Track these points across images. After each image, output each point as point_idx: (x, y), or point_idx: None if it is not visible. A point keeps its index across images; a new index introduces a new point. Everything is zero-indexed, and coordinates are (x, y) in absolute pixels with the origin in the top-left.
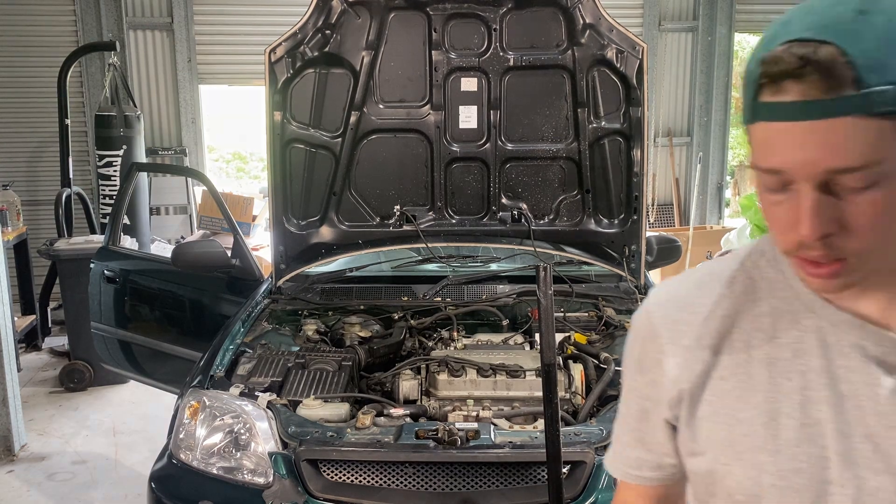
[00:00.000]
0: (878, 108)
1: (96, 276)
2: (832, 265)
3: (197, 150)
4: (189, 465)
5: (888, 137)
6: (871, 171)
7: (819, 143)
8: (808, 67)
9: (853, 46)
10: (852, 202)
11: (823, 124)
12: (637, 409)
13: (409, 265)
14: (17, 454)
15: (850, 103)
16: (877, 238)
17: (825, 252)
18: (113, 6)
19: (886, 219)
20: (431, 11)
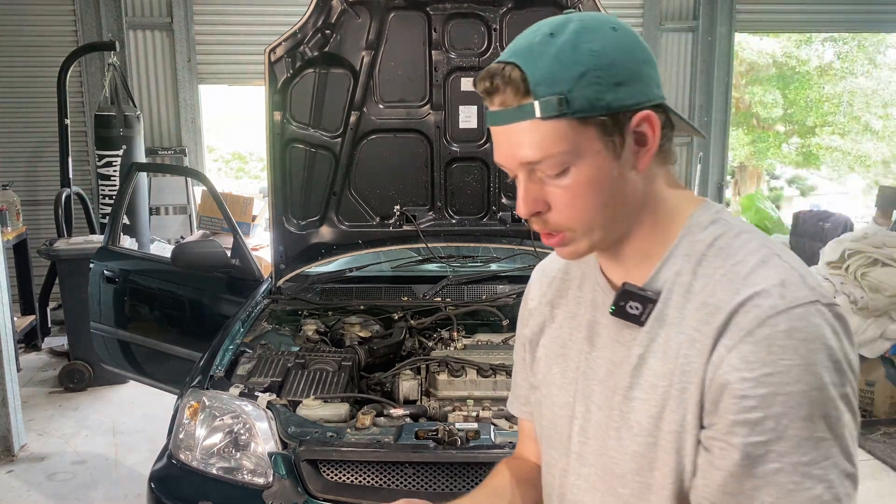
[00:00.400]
0: (545, 114)
1: (96, 276)
2: (556, 237)
3: (196, 150)
4: (189, 465)
5: (563, 135)
6: (554, 162)
7: (509, 143)
8: (496, 84)
9: (531, 65)
10: (550, 186)
11: (511, 128)
12: (517, 355)
13: (408, 265)
14: (17, 454)
15: (523, 111)
16: (577, 214)
17: (543, 227)
18: (112, 6)
19: (580, 198)
20: (431, 11)
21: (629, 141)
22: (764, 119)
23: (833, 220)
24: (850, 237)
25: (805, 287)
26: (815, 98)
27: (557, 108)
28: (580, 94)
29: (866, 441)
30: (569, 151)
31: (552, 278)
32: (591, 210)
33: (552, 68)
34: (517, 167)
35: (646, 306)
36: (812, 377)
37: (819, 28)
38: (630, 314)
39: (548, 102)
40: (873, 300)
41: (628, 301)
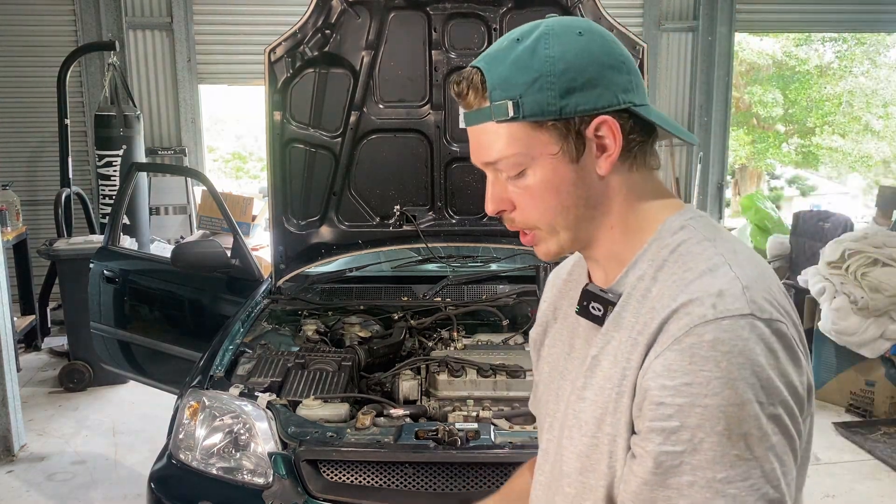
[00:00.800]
0: (497, 118)
1: (96, 276)
2: (528, 235)
3: (196, 150)
4: (189, 465)
5: (517, 138)
6: (509, 163)
7: (475, 143)
8: (462, 86)
9: (492, 70)
10: (512, 186)
11: (476, 129)
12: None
13: (408, 265)
14: (17, 454)
15: (482, 114)
16: (538, 213)
17: (511, 226)
18: (112, 6)
19: (539, 199)
20: (431, 11)
21: (591, 146)
22: (764, 119)
23: (833, 221)
24: (850, 237)
25: (743, 299)
26: (816, 98)
27: (508, 112)
28: (531, 98)
29: (866, 441)
30: (523, 153)
31: (563, 281)
32: (552, 211)
33: (508, 73)
34: (482, 166)
35: (606, 308)
36: (731, 392)
37: (819, 28)
38: (593, 315)
39: (500, 106)
40: (873, 300)
41: (591, 302)
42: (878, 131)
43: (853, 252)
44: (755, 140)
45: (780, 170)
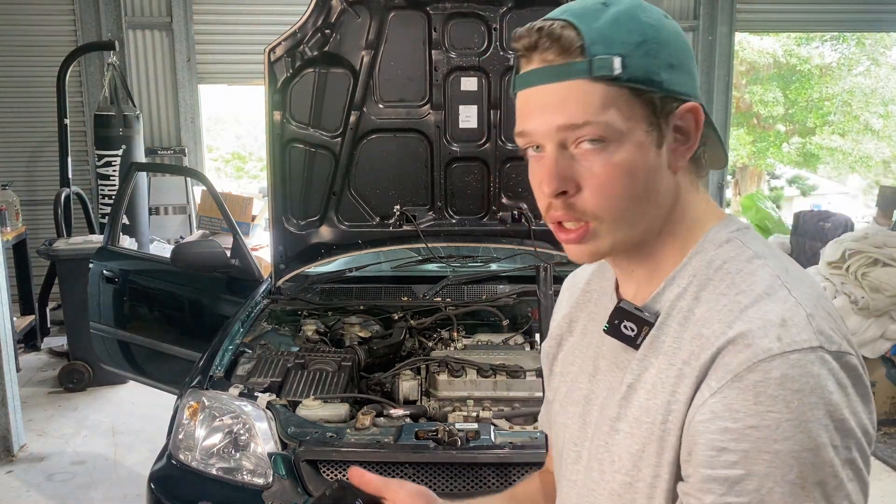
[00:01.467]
0: (599, 73)
1: (95, 277)
2: (577, 230)
3: (196, 150)
4: (188, 465)
5: (612, 103)
6: (597, 129)
7: (551, 103)
8: (543, 38)
9: (585, 24)
10: (586, 161)
11: (552, 88)
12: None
13: (409, 265)
14: (16, 454)
15: (577, 68)
16: (610, 200)
17: (565, 213)
18: (112, 6)
19: (617, 181)
20: (431, 11)
21: (669, 134)
22: (765, 119)
23: (834, 220)
24: (850, 237)
25: (809, 329)
26: (817, 98)
27: (613, 69)
28: (637, 62)
29: None
30: (615, 123)
31: (580, 291)
32: (624, 199)
33: (610, 29)
34: (551, 134)
35: (641, 328)
36: (805, 436)
37: (820, 28)
38: (625, 335)
39: (604, 61)
40: (874, 300)
41: (623, 320)
42: (878, 131)
43: (854, 252)
44: (755, 140)
45: (781, 170)
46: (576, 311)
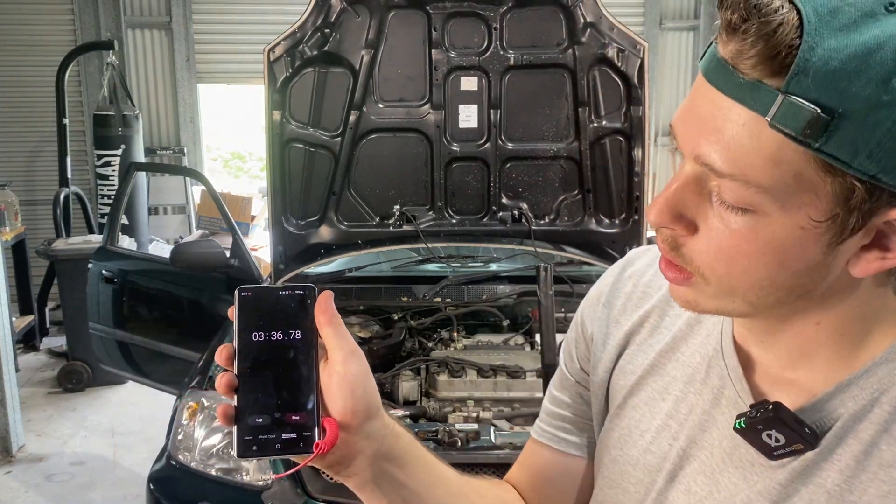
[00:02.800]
0: (778, 122)
1: (94, 277)
2: (680, 271)
3: (195, 150)
4: (188, 466)
5: (783, 165)
6: (742, 189)
7: (704, 120)
8: (751, 21)
9: (821, 38)
10: (715, 212)
11: (721, 100)
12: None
13: (408, 265)
14: (15, 455)
15: (757, 95)
16: (726, 269)
17: (666, 247)
18: (111, 5)
19: (746, 255)
20: (431, 10)
21: (859, 237)
22: None
23: None
24: None
25: None
26: None
27: (804, 127)
28: (853, 127)
29: None
30: (773, 191)
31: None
32: (748, 275)
33: (843, 64)
34: (688, 151)
35: (791, 443)
36: None
37: None
38: (762, 441)
39: (798, 108)
40: None
41: (771, 427)
42: None
43: None
44: None
45: None
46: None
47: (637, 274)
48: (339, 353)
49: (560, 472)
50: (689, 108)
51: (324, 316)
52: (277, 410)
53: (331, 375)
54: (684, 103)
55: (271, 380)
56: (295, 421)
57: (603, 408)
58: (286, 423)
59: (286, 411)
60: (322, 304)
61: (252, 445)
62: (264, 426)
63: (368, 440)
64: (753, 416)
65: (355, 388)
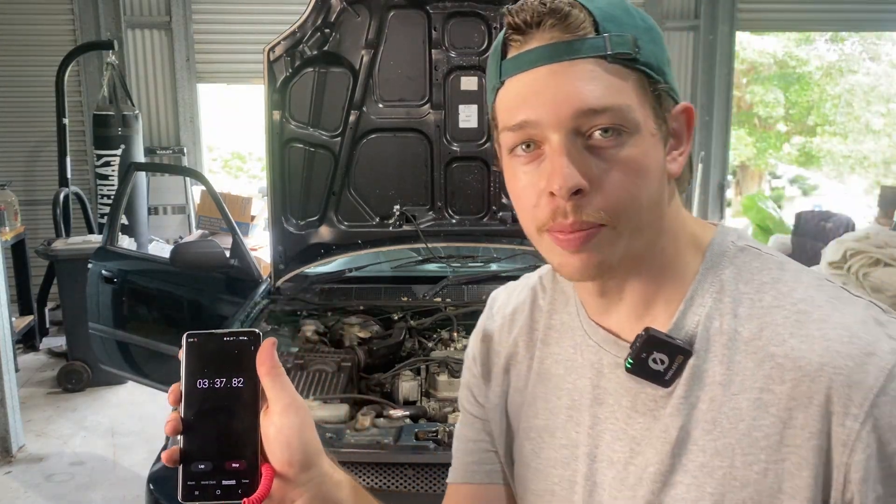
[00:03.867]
0: (615, 50)
1: (94, 277)
2: (583, 232)
3: (195, 150)
4: None
5: (629, 88)
6: (617, 116)
7: (564, 84)
8: (548, 14)
9: (590, 3)
10: (603, 155)
11: (567, 66)
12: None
13: (408, 265)
14: (15, 455)
15: (591, 45)
16: (626, 201)
17: (577, 218)
18: (111, 5)
19: (634, 179)
20: (431, 10)
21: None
22: (765, 119)
23: (835, 220)
24: (851, 237)
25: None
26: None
27: (631, 48)
28: (648, 47)
29: None
30: (633, 110)
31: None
32: (638, 200)
33: (616, 10)
34: (563, 122)
35: (673, 360)
36: None
37: (820, 27)
38: (653, 370)
39: (621, 38)
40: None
41: (652, 352)
42: (879, 130)
43: (855, 252)
44: (756, 140)
45: (782, 169)
46: (518, 352)
47: (502, 308)
48: (277, 404)
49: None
50: (532, 98)
51: (264, 366)
52: (218, 457)
53: (269, 426)
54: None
55: (213, 427)
56: (234, 468)
57: (505, 429)
58: (226, 471)
59: (227, 458)
60: (263, 354)
61: (194, 490)
62: (206, 472)
63: (305, 486)
64: (634, 347)
65: (291, 440)
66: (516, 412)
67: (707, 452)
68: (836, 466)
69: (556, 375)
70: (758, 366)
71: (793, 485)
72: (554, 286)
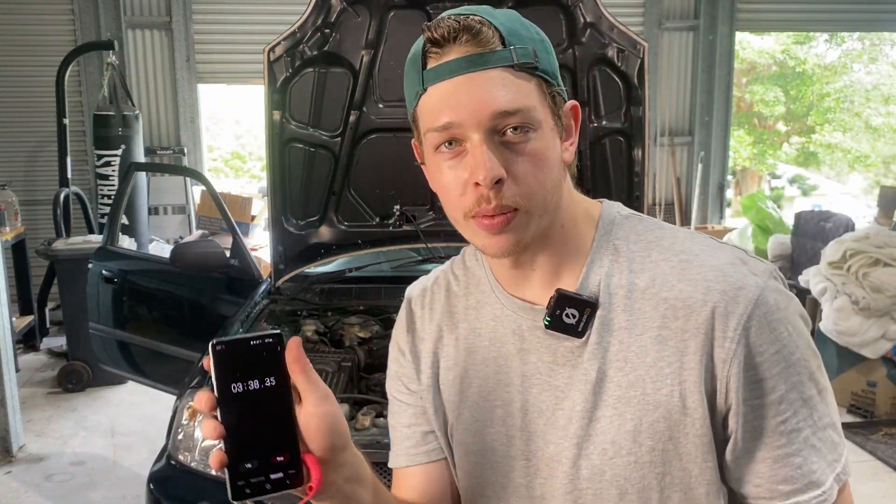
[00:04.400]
0: (520, 60)
1: (94, 277)
2: (501, 216)
3: (195, 150)
4: (188, 466)
5: (532, 92)
6: (527, 116)
7: (481, 91)
8: (462, 30)
9: (494, 20)
10: (515, 149)
11: (483, 74)
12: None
13: (408, 265)
14: (15, 455)
15: (501, 56)
16: (534, 187)
17: (498, 203)
18: (111, 5)
19: (540, 169)
20: (431, 10)
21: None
22: (766, 118)
23: (834, 220)
24: (851, 237)
25: (757, 260)
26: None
27: (532, 58)
28: (543, 56)
29: (867, 441)
30: (537, 111)
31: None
32: (544, 187)
33: (515, 25)
34: (482, 122)
35: (582, 313)
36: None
37: (820, 27)
38: (566, 324)
39: (525, 50)
40: (875, 300)
41: (564, 308)
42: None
43: (855, 252)
44: (755, 140)
45: (782, 169)
46: (442, 336)
47: (419, 300)
48: (312, 396)
49: (439, 476)
50: (453, 102)
51: (297, 364)
52: (263, 454)
53: (309, 417)
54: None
55: (253, 426)
56: (280, 462)
57: (440, 405)
58: (272, 465)
59: (271, 454)
60: (292, 353)
61: (245, 489)
62: (253, 469)
63: (343, 467)
64: (549, 306)
65: (332, 426)
66: (450, 388)
67: (622, 386)
68: (719, 380)
69: (482, 347)
70: (654, 309)
71: (693, 399)
72: (465, 272)
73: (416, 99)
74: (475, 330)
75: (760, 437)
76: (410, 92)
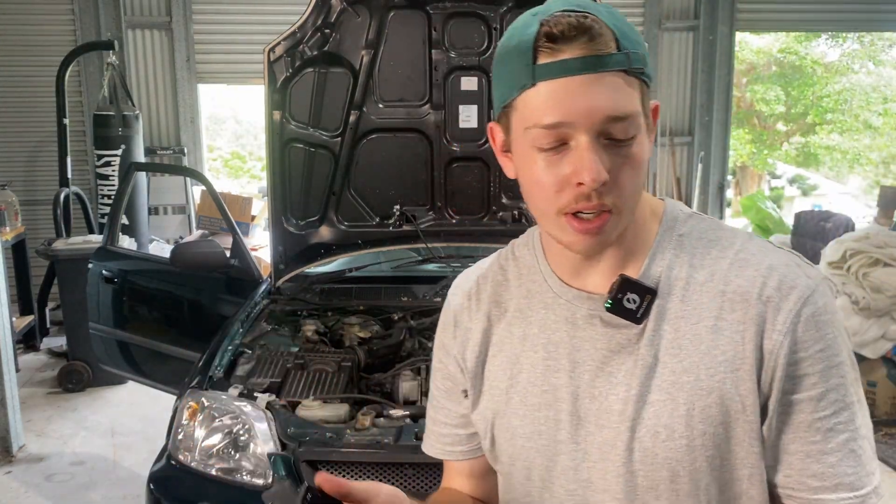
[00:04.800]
0: (634, 65)
1: (94, 277)
2: (600, 218)
3: (195, 150)
4: (188, 466)
5: (636, 96)
6: (635, 123)
7: (598, 93)
8: (583, 31)
9: (608, 20)
10: (619, 154)
11: (598, 78)
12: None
13: (408, 265)
14: (15, 455)
15: (616, 60)
16: (630, 191)
17: (598, 203)
18: (111, 5)
19: (638, 174)
20: (431, 10)
21: None
22: (766, 118)
23: (834, 220)
24: (851, 237)
25: (811, 266)
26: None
27: (644, 63)
28: (647, 60)
29: None
30: (640, 115)
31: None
32: (638, 189)
33: (626, 29)
34: (595, 124)
35: (643, 299)
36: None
37: (820, 27)
38: (626, 309)
39: (638, 55)
40: (875, 300)
41: (626, 293)
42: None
43: (854, 252)
44: (755, 140)
45: (782, 169)
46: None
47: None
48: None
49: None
50: (568, 104)
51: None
52: None
53: None
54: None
55: None
56: None
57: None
58: None
59: None
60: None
61: None
62: None
63: None
64: (612, 291)
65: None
66: (499, 374)
67: (676, 372)
68: (764, 371)
69: (531, 335)
70: (711, 300)
71: (745, 387)
72: (515, 262)
73: (518, 90)
74: (526, 318)
75: (796, 431)
76: (511, 81)
